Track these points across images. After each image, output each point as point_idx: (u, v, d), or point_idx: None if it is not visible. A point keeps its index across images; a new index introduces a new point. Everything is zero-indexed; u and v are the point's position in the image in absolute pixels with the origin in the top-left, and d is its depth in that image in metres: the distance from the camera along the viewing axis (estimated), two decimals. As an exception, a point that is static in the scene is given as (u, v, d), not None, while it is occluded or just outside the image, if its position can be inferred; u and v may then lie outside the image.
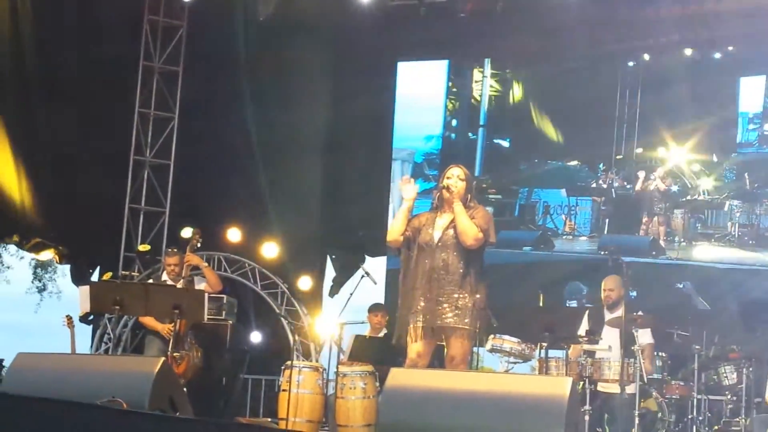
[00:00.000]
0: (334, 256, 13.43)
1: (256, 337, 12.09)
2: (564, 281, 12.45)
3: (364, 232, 13.12)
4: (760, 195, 12.37)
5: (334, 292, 13.13)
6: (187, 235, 9.30)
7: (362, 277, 8.71)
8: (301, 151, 12.86)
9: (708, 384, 9.13)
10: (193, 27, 12.16)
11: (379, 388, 8.09)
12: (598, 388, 8.25)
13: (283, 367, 8.72)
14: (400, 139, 13.72)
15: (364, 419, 8.29)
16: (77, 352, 8.90)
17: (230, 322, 10.65)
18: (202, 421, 5.62)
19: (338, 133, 13.06)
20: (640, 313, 8.38)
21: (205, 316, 8.45)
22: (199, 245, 9.21)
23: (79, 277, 12.29)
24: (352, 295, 8.73)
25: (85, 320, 11.16)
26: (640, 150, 13.04)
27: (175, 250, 9.26)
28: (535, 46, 12.61)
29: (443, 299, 6.68)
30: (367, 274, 8.77)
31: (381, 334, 9.55)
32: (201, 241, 9.18)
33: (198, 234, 9.09)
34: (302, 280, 12.26)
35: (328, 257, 13.44)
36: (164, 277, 9.35)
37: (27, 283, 21.67)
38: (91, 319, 11.52)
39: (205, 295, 8.36)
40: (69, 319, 9.05)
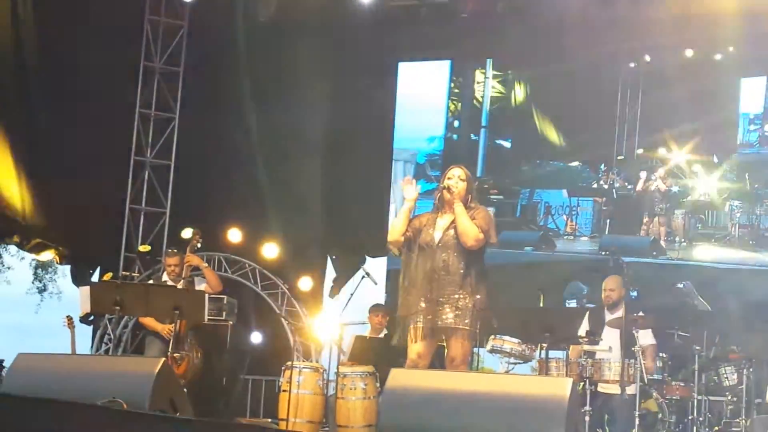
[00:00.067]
0: (334, 257, 13.41)
1: (256, 338, 12.07)
2: (565, 282, 12.45)
3: (365, 232, 13.11)
4: (760, 195, 12.38)
5: (334, 292, 13.11)
6: (188, 236, 9.30)
7: (363, 278, 8.71)
8: (302, 152, 12.85)
9: (708, 385, 9.11)
10: (194, 27, 12.15)
11: (380, 389, 8.08)
12: (599, 389, 8.24)
13: (283, 368, 8.71)
14: (402, 140, 13.72)
15: (365, 420, 8.28)
16: (77, 353, 8.90)
17: (230, 322, 10.64)
18: (203, 422, 5.61)
19: (339, 133, 13.04)
20: (641, 314, 8.38)
21: (206, 317, 8.45)
22: (200, 246, 9.21)
23: (80, 278, 12.28)
24: (353, 295, 8.74)
25: (85, 321, 11.14)
26: (641, 151, 13.05)
27: (176, 251, 9.26)
28: (536, 47, 12.60)
29: (444, 300, 6.68)
30: (368, 274, 8.76)
31: (381, 335, 9.55)
32: (201, 242, 9.19)
33: (198, 234, 9.09)
34: (302, 281, 12.25)
35: (329, 258, 13.42)
36: (164, 277, 9.35)
37: (27, 284, 21.71)
38: (91, 319, 11.51)
39: (206, 296, 8.37)
40: (69, 319, 9.05)
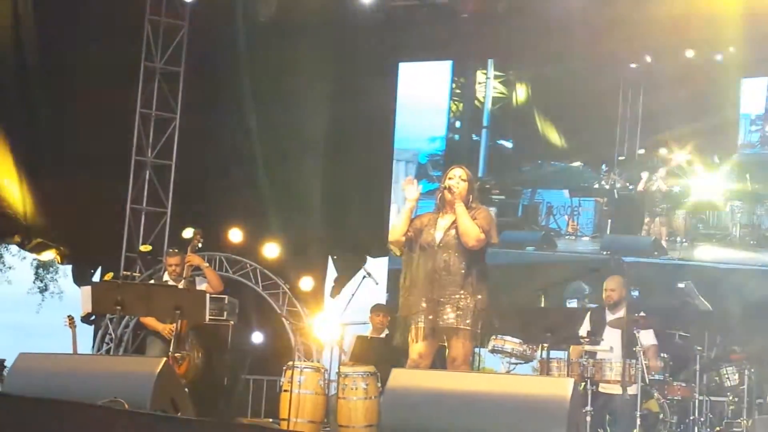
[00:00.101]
0: (335, 257, 13.40)
1: (257, 338, 12.06)
2: (566, 281, 12.44)
3: (366, 232, 13.10)
4: (761, 196, 12.37)
5: (335, 292, 13.11)
6: (189, 236, 9.30)
7: (364, 278, 8.72)
8: (303, 152, 12.84)
9: (710, 385, 9.11)
10: (195, 27, 12.15)
11: (381, 389, 8.09)
12: (600, 389, 8.24)
13: (284, 368, 8.72)
14: (404, 141, 13.70)
15: (366, 420, 8.29)
16: (79, 353, 8.91)
17: (232, 322, 10.64)
18: (204, 422, 5.61)
19: (339, 133, 13.03)
20: (642, 314, 8.38)
21: (207, 317, 8.45)
22: (201, 245, 9.22)
23: (81, 278, 12.28)
24: (354, 295, 8.75)
25: (86, 320, 11.16)
26: (642, 151, 13.03)
27: (177, 251, 9.27)
28: (537, 48, 12.59)
29: (445, 300, 6.67)
30: (369, 274, 8.78)
31: (383, 335, 9.55)
32: (202, 242, 9.20)
33: (199, 234, 9.09)
34: (304, 281, 12.23)
35: (330, 258, 13.41)
36: (165, 277, 9.35)
37: (29, 284, 21.69)
38: (92, 319, 11.51)
39: (207, 296, 8.37)
40: (70, 319, 9.06)
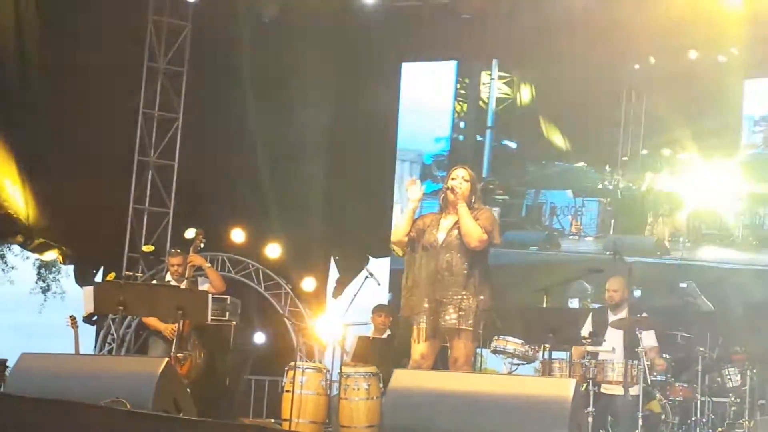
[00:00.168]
0: (337, 257, 13.41)
1: (259, 338, 12.07)
2: (567, 281, 12.43)
3: (368, 233, 13.11)
4: (764, 196, 12.36)
5: (337, 293, 13.11)
6: (191, 236, 9.30)
7: (366, 278, 8.72)
8: (305, 152, 12.85)
9: (712, 386, 9.11)
10: (198, 27, 12.16)
11: (383, 389, 8.09)
12: (602, 390, 8.23)
13: (286, 368, 8.71)
14: (408, 141, 13.70)
15: (368, 420, 8.29)
16: (81, 353, 8.91)
17: (234, 322, 10.63)
18: (206, 422, 5.61)
19: (342, 134, 13.05)
20: (645, 315, 8.37)
21: (209, 317, 8.44)
22: (203, 246, 9.21)
23: (83, 278, 12.30)
24: (356, 296, 8.74)
25: (88, 321, 11.16)
26: (645, 151, 13.04)
27: (179, 251, 9.27)
28: (541, 49, 12.58)
29: (447, 300, 6.67)
30: (371, 275, 8.77)
31: (385, 335, 9.55)
32: (204, 242, 9.19)
33: (201, 234, 9.09)
34: (306, 281, 12.24)
35: (332, 258, 13.42)
36: (168, 277, 9.35)
37: (31, 284, 21.66)
38: (94, 319, 11.52)
39: (209, 296, 8.36)
40: (73, 319, 9.06)
